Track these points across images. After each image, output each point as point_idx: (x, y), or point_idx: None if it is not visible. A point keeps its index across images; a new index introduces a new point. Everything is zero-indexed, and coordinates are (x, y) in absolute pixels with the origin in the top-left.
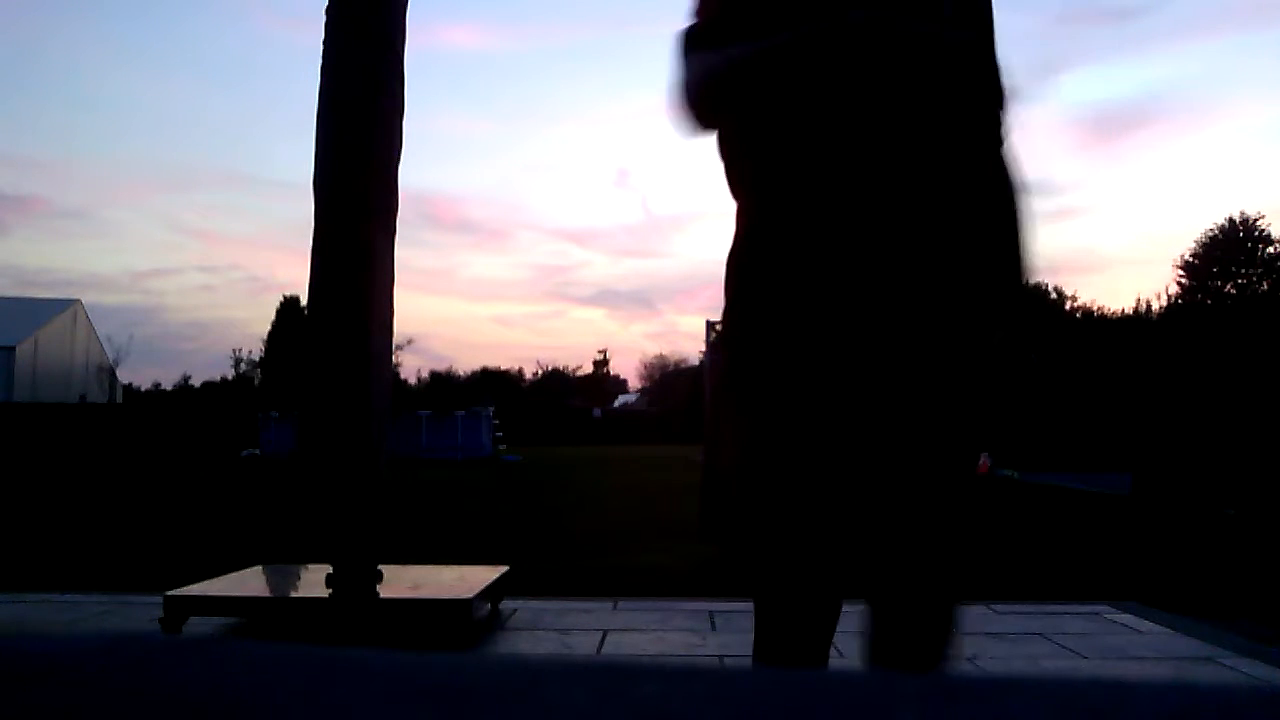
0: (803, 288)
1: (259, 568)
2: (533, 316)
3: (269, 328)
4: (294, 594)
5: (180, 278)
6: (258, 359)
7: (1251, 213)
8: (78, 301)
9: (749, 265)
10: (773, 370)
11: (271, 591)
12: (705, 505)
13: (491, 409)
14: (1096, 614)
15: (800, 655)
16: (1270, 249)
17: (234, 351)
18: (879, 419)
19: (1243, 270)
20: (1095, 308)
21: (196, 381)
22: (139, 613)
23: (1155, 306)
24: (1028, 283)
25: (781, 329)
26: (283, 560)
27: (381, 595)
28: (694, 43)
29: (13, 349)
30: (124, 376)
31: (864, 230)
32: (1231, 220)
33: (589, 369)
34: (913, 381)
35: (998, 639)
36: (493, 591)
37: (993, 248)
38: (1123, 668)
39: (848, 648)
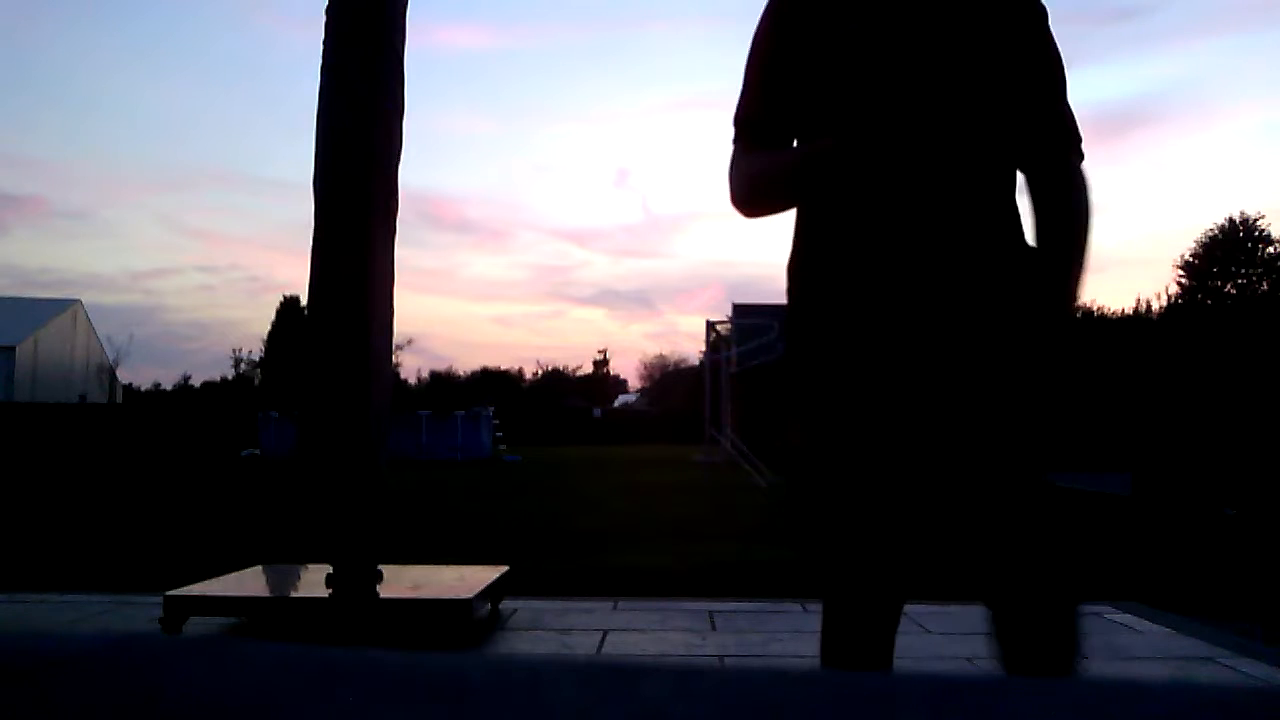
0: (861, 298)
1: (259, 568)
2: (533, 316)
3: (269, 328)
4: (294, 594)
5: (180, 278)
6: (258, 359)
7: (1251, 213)
8: (78, 301)
9: (808, 274)
10: (831, 375)
11: (271, 591)
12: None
13: (491, 409)
14: (1096, 614)
15: (865, 656)
16: (1270, 249)
17: (234, 351)
18: (935, 421)
19: (1243, 270)
20: (1095, 308)
21: (196, 381)
22: (139, 613)
23: (1155, 306)
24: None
25: (841, 338)
26: (283, 560)
27: (381, 595)
28: (743, 133)
29: (13, 349)
30: (124, 376)
31: (908, 250)
32: (1231, 220)
33: (589, 369)
34: (965, 383)
35: None
36: (493, 591)
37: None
38: (1123, 668)
39: None
